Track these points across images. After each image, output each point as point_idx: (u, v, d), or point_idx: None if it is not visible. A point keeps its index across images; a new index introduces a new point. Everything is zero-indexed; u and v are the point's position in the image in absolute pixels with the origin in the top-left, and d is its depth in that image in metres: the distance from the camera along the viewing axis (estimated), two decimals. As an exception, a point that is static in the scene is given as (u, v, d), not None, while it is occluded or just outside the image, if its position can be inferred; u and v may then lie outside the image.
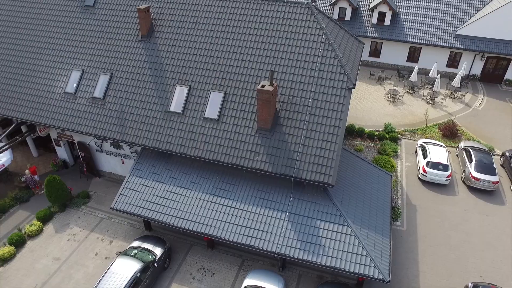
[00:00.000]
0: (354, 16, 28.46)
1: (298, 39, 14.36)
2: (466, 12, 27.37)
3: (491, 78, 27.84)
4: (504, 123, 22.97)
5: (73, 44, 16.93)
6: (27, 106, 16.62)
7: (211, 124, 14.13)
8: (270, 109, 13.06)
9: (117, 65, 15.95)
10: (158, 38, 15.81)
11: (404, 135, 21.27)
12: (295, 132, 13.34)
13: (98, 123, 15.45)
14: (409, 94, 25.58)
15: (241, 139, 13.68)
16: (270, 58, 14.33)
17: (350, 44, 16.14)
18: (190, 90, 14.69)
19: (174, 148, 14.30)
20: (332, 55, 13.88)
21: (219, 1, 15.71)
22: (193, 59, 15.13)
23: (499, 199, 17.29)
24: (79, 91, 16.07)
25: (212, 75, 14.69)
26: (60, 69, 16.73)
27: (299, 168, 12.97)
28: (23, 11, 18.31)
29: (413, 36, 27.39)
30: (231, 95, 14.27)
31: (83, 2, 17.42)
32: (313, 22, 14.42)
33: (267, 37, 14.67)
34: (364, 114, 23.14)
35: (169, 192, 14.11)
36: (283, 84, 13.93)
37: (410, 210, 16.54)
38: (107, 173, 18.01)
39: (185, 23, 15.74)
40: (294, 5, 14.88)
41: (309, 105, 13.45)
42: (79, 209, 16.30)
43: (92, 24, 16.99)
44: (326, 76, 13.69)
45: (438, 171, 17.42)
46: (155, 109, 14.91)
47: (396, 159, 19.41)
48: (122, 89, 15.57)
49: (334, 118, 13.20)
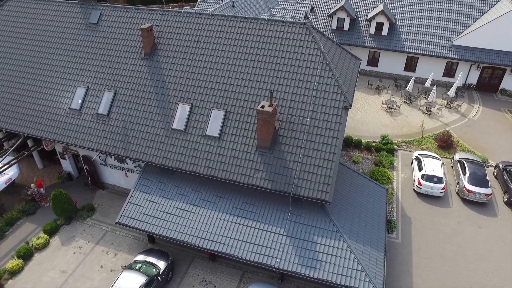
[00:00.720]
0: (352, 26, 28.93)
1: (297, 59, 14.85)
2: (462, 22, 27.85)
3: (487, 87, 28.35)
4: (499, 133, 23.47)
5: (78, 61, 17.41)
6: (34, 122, 17.12)
7: (212, 142, 14.63)
8: (269, 128, 13.55)
9: (121, 82, 16.45)
10: (160, 56, 16.29)
11: (401, 146, 21.78)
12: (293, 150, 13.85)
13: (103, 139, 15.94)
14: (406, 104, 26.08)
15: (242, 156, 14.18)
16: (269, 77, 14.84)
17: (347, 61, 16.61)
18: (192, 108, 15.18)
19: (176, 164, 14.80)
20: (329, 75, 14.36)
21: (219, 21, 16.20)
22: (195, 77, 15.62)
23: (492, 211, 17.80)
24: (84, 107, 16.56)
25: (213, 94, 15.19)
26: (65, 85, 17.22)
27: (297, 185, 13.47)
28: (30, 27, 18.79)
29: (410, 46, 27.86)
30: (232, 113, 14.76)
31: (87, 19, 17.91)
32: (311, 42, 14.90)
33: (267, 56, 15.17)
34: (361, 125, 23.64)
35: (172, 207, 14.60)
36: (282, 104, 14.42)
37: (405, 222, 17.04)
38: (111, 185, 18.51)
39: (187, 41, 16.22)
40: (292, 25, 15.36)
41: (307, 124, 13.94)
42: (84, 221, 16.81)
43: (96, 42, 17.46)
44: (323, 96, 14.18)
45: (433, 183, 17.94)
46: (158, 126, 15.40)
47: (392, 171, 19.92)
48: (126, 106, 16.07)
49: (331, 137, 13.69)
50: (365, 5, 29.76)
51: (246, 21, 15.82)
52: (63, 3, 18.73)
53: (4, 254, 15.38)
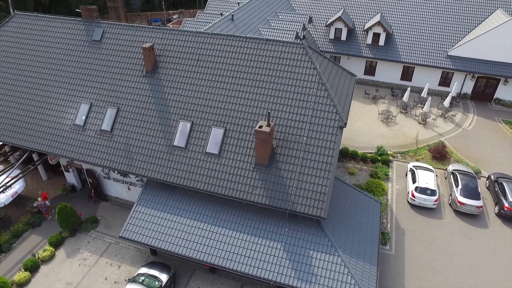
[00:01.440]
0: (350, 36, 29.40)
1: (294, 79, 15.36)
2: (457, 33, 28.34)
3: (482, 96, 28.86)
4: (492, 143, 24.00)
5: (81, 78, 17.92)
6: (39, 137, 17.63)
7: (212, 159, 15.16)
8: (267, 147, 14.08)
9: (124, 99, 16.96)
10: (162, 74, 16.79)
11: (396, 157, 22.32)
12: (290, 168, 14.37)
13: (106, 154, 16.47)
14: (402, 113, 26.61)
15: (240, 173, 14.71)
16: (267, 96, 15.35)
17: (342, 79, 17.12)
18: (192, 125, 15.69)
19: (177, 180, 15.33)
20: (325, 94, 14.88)
21: (219, 40, 16.69)
22: (195, 95, 16.13)
23: (483, 222, 18.36)
24: (87, 123, 17.08)
25: (213, 112, 15.70)
26: (69, 101, 17.73)
27: (294, 202, 14.01)
28: (35, 44, 19.26)
29: (406, 56, 28.35)
30: (231, 131, 15.27)
31: (90, 36, 18.40)
32: (308, 62, 15.41)
33: (265, 76, 15.68)
34: (358, 135, 24.16)
35: (173, 222, 15.14)
36: (279, 122, 14.93)
37: (398, 234, 17.60)
38: (114, 197, 19.05)
39: (188, 60, 16.72)
40: (290, 45, 15.86)
41: (304, 142, 14.47)
42: (88, 233, 17.36)
43: (99, 59, 17.96)
44: (319, 115, 14.70)
45: (426, 196, 18.49)
46: (160, 143, 15.93)
47: (387, 182, 20.46)
48: (128, 122, 16.58)
49: (326, 155, 14.22)
50: (362, 16, 30.21)
51: (244, 41, 16.33)
52: (66, 20, 19.22)
53: (11, 266, 15.95)
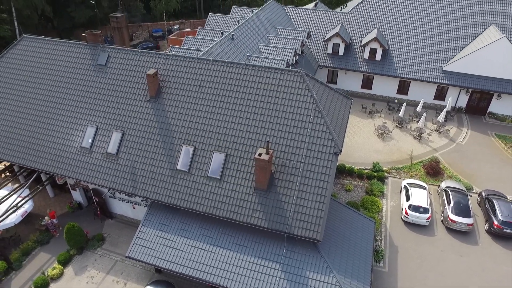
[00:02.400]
0: (347, 51, 30.09)
1: (292, 106, 16.07)
2: (451, 49, 29.04)
3: (476, 110, 29.59)
4: (485, 159, 24.72)
5: (88, 101, 18.63)
6: (47, 158, 18.35)
7: (214, 183, 15.88)
8: (266, 174, 14.80)
9: (129, 123, 17.67)
10: (165, 99, 17.50)
11: (391, 173, 23.05)
12: (288, 192, 15.10)
13: (112, 176, 17.19)
14: (398, 128, 27.33)
15: (241, 197, 15.44)
16: (266, 123, 16.06)
17: (339, 104, 17.83)
18: (195, 150, 16.42)
19: (181, 203, 16.06)
20: (321, 122, 15.59)
21: (220, 66, 17.40)
22: (198, 120, 16.85)
23: (473, 239, 19.10)
24: (94, 146, 17.79)
25: (215, 137, 16.42)
26: (76, 124, 18.44)
27: (291, 225, 14.75)
28: (42, 67, 19.95)
29: (402, 71, 29.06)
30: (232, 156, 16.00)
31: (96, 60, 19.09)
32: (305, 90, 16.11)
33: (264, 102, 16.39)
34: (354, 151, 24.89)
35: (177, 242, 15.87)
36: (278, 148, 15.65)
37: (392, 251, 18.33)
38: (119, 215, 19.80)
39: (190, 85, 17.42)
40: (288, 73, 16.56)
41: (301, 168, 15.19)
42: (95, 251, 18.11)
43: (105, 83, 18.66)
44: (315, 141, 15.41)
45: (419, 213, 19.22)
46: (164, 167, 16.65)
47: (382, 199, 21.19)
48: (133, 146, 17.29)
49: (322, 181, 14.94)
50: (360, 30, 30.88)
51: (245, 68, 17.02)
52: (72, 44, 19.92)
53: (22, 284, 16.70)
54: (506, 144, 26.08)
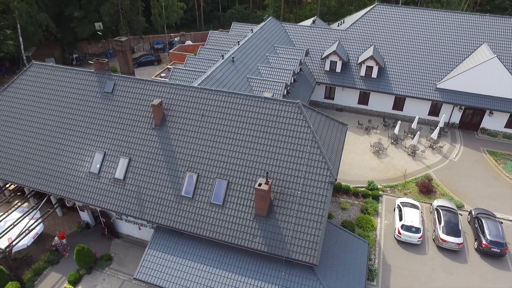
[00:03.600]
0: (344, 68, 30.98)
1: (290, 136, 16.98)
2: (445, 66, 29.97)
3: (469, 126, 30.53)
4: (476, 176, 25.66)
5: (95, 127, 19.51)
6: (57, 182, 19.23)
7: (216, 209, 16.79)
8: (265, 202, 15.72)
9: (135, 149, 18.56)
10: (170, 127, 18.39)
11: (385, 191, 23.99)
12: (286, 219, 16.02)
13: (119, 201, 18.09)
14: (393, 145, 28.27)
15: (242, 223, 16.36)
16: (266, 152, 16.97)
17: (335, 131, 18.74)
18: (198, 177, 17.33)
19: (185, 227, 16.98)
20: (317, 151, 16.50)
21: (221, 96, 18.28)
22: (201, 148, 17.75)
23: (463, 257, 20.05)
24: (102, 171, 18.68)
25: (217, 165, 17.32)
26: (85, 149, 19.33)
27: (289, 249, 15.67)
28: (51, 93, 20.83)
29: (397, 88, 29.96)
30: (234, 184, 16.90)
31: (102, 88, 19.95)
32: (302, 121, 17.02)
33: (263, 132, 17.31)
34: (350, 168, 25.82)
35: (182, 265, 16.78)
36: (277, 177, 16.56)
37: (385, 269, 19.29)
38: (126, 235, 20.73)
39: (193, 114, 18.32)
40: (286, 103, 17.47)
41: (298, 196, 16.11)
42: (103, 271, 19.02)
43: (111, 110, 19.55)
44: (312, 170, 16.33)
45: (411, 233, 20.18)
46: (169, 192, 17.55)
47: (376, 217, 22.13)
48: (139, 172, 18.20)
49: (318, 208, 15.87)
50: (356, 48, 31.76)
51: (245, 98, 17.92)
52: (80, 71, 20.79)
53: (35, 303, 17.69)
54: (497, 160, 27.05)
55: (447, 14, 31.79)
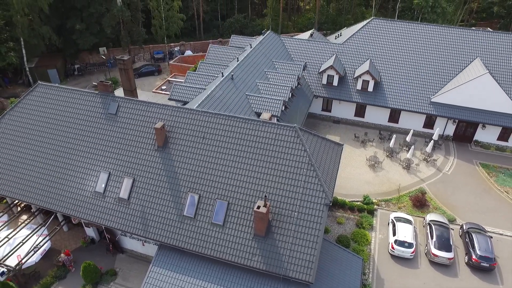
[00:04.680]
0: (341, 82, 31.73)
1: (287, 159, 17.75)
2: (439, 81, 30.77)
3: (462, 138, 31.33)
4: (469, 189, 26.45)
5: (100, 148, 20.25)
6: (64, 201, 19.98)
7: (217, 229, 17.56)
8: (264, 223, 16.50)
9: (139, 170, 19.31)
10: (172, 149, 19.12)
11: (380, 205, 24.78)
12: (283, 238, 16.81)
13: (124, 220, 18.85)
14: (388, 158, 29.05)
15: (241, 242, 17.15)
16: (264, 174, 17.75)
17: (330, 152, 19.50)
18: (200, 198, 18.08)
19: (187, 246, 17.75)
20: (313, 174, 17.27)
21: (221, 119, 19.02)
22: (202, 170, 18.50)
23: (454, 271, 20.86)
24: (107, 191, 19.42)
25: (218, 186, 18.09)
26: (90, 169, 20.06)
27: (286, 268, 16.46)
28: (57, 113, 21.52)
29: (393, 102, 30.73)
30: (234, 204, 17.68)
31: (106, 109, 20.66)
32: (299, 144, 17.78)
33: (262, 155, 18.08)
34: (346, 182, 26.59)
35: (184, 282, 17.53)
36: (275, 198, 17.33)
37: (379, 284, 20.08)
38: (130, 250, 21.50)
39: (194, 137, 19.06)
40: (284, 127, 18.23)
41: (295, 217, 16.88)
42: (109, 285, 19.77)
43: (116, 131, 20.27)
44: (308, 193, 17.11)
45: (404, 248, 20.99)
46: (172, 212, 18.31)
47: (371, 232, 22.93)
48: (143, 192, 18.95)
49: (314, 229, 16.66)
50: (353, 62, 32.44)
51: (244, 122, 18.66)
52: (85, 92, 21.50)
53: (44, 318, 18.45)
54: (489, 173, 27.86)
55: (441, 28, 32.51)
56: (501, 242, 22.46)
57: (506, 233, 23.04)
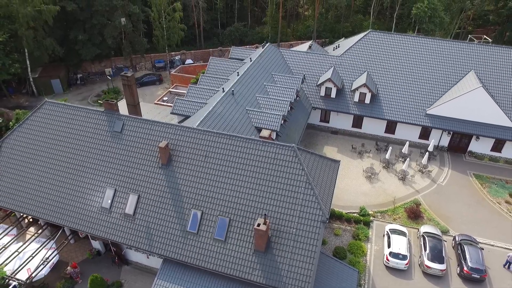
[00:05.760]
0: (339, 94, 32.52)
1: (286, 178, 18.55)
2: (434, 93, 31.60)
3: (457, 149, 32.17)
4: (462, 200, 27.27)
5: (106, 165, 21.03)
6: (72, 216, 20.77)
7: (219, 244, 18.37)
8: (264, 240, 17.31)
9: (143, 187, 20.09)
10: (175, 167, 19.91)
11: (376, 216, 25.60)
12: (282, 254, 17.62)
13: (130, 235, 19.64)
14: (384, 169, 29.85)
15: (242, 257, 17.95)
16: (264, 192, 18.55)
17: (327, 169, 20.30)
18: (202, 214, 18.88)
19: (191, 260, 18.56)
20: (311, 193, 18.07)
21: (223, 139, 19.80)
22: (204, 187, 19.29)
23: (446, 282, 21.69)
24: (113, 207, 20.21)
25: (220, 203, 18.89)
26: (97, 186, 20.85)
27: (285, 282, 17.28)
28: (64, 130, 22.25)
29: (389, 114, 31.54)
30: (235, 221, 18.47)
31: (112, 127, 21.41)
32: (297, 164, 18.57)
33: (262, 174, 18.88)
34: (344, 194, 27.40)
35: (187, 295, 18.43)
36: (274, 215, 18.14)
37: (374, 295, 20.99)
38: (134, 262, 22.30)
39: (197, 155, 19.84)
40: (282, 147, 19.02)
41: (293, 233, 17.68)
42: (115, 297, 20.65)
43: (121, 148, 21.05)
44: (306, 210, 17.92)
45: (398, 260, 21.84)
46: (176, 228, 19.10)
47: (367, 243, 23.75)
48: (148, 208, 19.75)
49: (311, 244, 17.47)
50: (350, 74, 33.23)
51: (245, 141, 19.45)
52: (90, 110, 22.26)
53: (53, 329, 19.25)
54: (483, 184, 28.69)
55: (436, 41, 33.30)
56: (492, 253, 23.31)
57: (497, 244, 23.93)
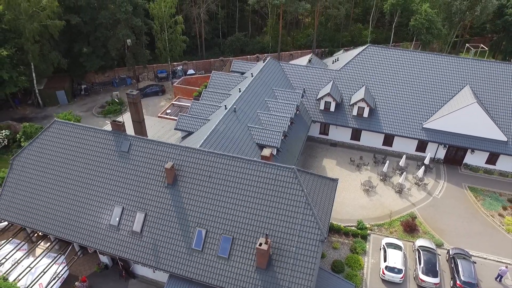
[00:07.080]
0: (338, 108, 33.39)
1: (286, 198, 19.44)
2: (431, 107, 32.52)
3: (453, 161, 33.06)
4: (457, 213, 28.14)
5: (114, 184, 21.91)
6: (81, 233, 21.67)
7: (223, 261, 19.27)
8: (265, 258, 18.22)
9: (150, 205, 20.99)
10: (181, 187, 20.79)
11: (373, 229, 26.48)
12: (283, 271, 18.52)
13: (137, 252, 20.54)
14: (382, 182, 30.73)
15: (245, 274, 18.87)
16: (265, 212, 19.46)
17: (326, 188, 21.18)
18: (207, 233, 19.77)
19: (195, 276, 19.46)
20: (310, 213, 18.96)
21: (226, 160, 20.67)
22: (209, 207, 20.18)
23: (440, 295, 22.65)
24: (121, 224, 21.10)
25: (223, 222, 19.79)
26: (105, 203, 21.75)
27: (286, 299, 18.21)
28: (72, 149, 23.10)
29: (387, 128, 32.43)
30: (237, 239, 19.37)
31: (119, 147, 22.29)
32: (297, 185, 19.46)
33: (263, 194, 19.77)
34: (342, 207, 28.28)
35: (192, 309, 19.34)
36: (275, 234, 19.03)
37: (371, 308, 21.88)
38: (141, 276, 23.21)
39: (201, 176, 20.72)
40: (283, 169, 19.89)
41: (293, 251, 18.58)
42: (122, 310, 21.57)
43: (128, 168, 21.93)
44: (305, 229, 18.81)
45: (394, 273, 22.73)
46: (181, 245, 20.00)
47: (364, 256, 24.64)
48: (155, 226, 20.64)
49: (310, 262, 18.37)
50: (349, 88, 34.15)
51: (247, 162, 20.33)
52: (98, 131, 23.13)
53: None
54: (477, 197, 29.56)
55: (433, 56, 34.19)
56: (484, 266, 24.21)
57: (490, 257, 24.83)
